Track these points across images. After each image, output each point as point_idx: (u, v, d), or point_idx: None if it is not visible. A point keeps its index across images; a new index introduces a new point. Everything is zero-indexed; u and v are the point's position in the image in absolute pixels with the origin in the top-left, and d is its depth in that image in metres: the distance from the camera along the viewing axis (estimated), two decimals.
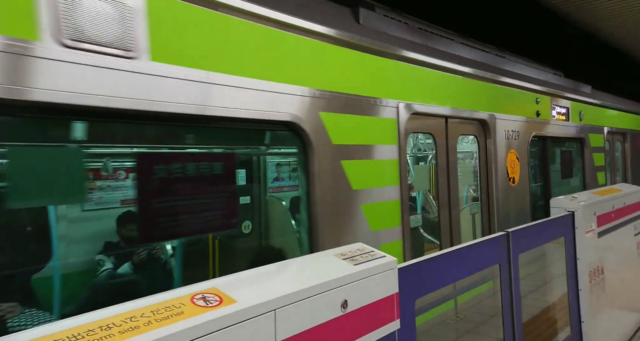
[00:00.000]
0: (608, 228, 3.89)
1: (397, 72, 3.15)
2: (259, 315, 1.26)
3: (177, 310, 1.08)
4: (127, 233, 3.03)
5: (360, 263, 1.71)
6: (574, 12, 5.88)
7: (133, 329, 0.96)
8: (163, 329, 0.99)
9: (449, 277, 2.27)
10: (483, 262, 2.55)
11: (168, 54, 1.90)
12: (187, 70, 1.95)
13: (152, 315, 1.04)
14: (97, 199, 3.40)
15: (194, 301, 1.15)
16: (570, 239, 3.45)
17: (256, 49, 2.25)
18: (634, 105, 8.42)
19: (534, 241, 3.07)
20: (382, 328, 1.73)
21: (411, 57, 3.24)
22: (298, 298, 1.40)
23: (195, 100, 1.98)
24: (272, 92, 2.29)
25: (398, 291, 1.82)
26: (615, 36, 7.25)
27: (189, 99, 1.95)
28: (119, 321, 0.98)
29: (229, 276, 1.42)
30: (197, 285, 1.27)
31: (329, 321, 1.51)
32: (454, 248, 2.30)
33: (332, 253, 1.81)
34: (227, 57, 2.12)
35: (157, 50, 1.86)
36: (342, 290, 1.56)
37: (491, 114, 4.16)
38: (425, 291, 2.09)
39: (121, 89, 1.74)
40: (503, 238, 2.68)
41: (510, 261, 2.70)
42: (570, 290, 3.48)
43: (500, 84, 4.41)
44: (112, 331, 0.93)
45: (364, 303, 1.65)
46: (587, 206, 3.53)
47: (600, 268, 3.73)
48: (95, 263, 2.95)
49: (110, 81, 1.71)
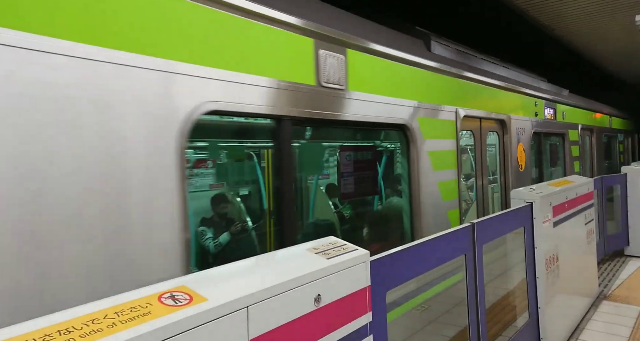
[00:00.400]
0: (562, 218, 4.10)
1: (454, 86, 4.42)
2: (231, 312, 1.21)
3: (144, 310, 1.01)
4: (338, 191, 4.10)
5: (333, 257, 1.69)
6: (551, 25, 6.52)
7: (95, 332, 0.88)
8: (129, 331, 0.92)
9: (418, 268, 2.30)
10: (450, 253, 2.60)
11: (357, 86, 3.15)
12: (364, 94, 3.20)
13: (116, 316, 0.96)
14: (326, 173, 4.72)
15: (162, 300, 1.08)
16: (529, 229, 3.60)
17: (391, 77, 3.56)
18: (599, 105, 10.29)
19: (496, 231, 3.18)
20: (354, 321, 1.72)
21: (462, 74, 4.53)
22: (271, 294, 1.36)
23: (367, 111, 3.22)
24: (396, 105, 3.53)
25: (370, 284, 1.82)
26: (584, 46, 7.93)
27: (366, 111, 3.21)
28: (79, 324, 0.90)
29: (198, 273, 1.36)
30: (165, 283, 1.20)
31: (302, 317, 1.48)
32: (422, 240, 2.33)
33: (305, 247, 1.78)
34: (382, 84, 3.42)
35: (352, 84, 3.11)
36: (315, 284, 1.54)
37: (508, 115, 5.45)
38: (396, 283, 2.11)
39: (338, 106, 3.00)
40: (468, 229, 2.75)
41: (475, 251, 2.78)
42: (529, 278, 3.63)
43: (512, 91, 5.68)
44: (72, 336, 0.85)
45: (337, 297, 1.63)
46: (544, 197, 3.70)
47: (555, 255, 3.92)
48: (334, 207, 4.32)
49: (336, 102, 2.98)
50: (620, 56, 9.15)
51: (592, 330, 4.37)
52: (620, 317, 4.67)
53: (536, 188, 3.90)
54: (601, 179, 6.67)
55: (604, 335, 4.25)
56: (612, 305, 5.04)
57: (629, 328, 4.38)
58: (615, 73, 11.26)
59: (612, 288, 5.63)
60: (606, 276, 6.17)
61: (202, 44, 2.11)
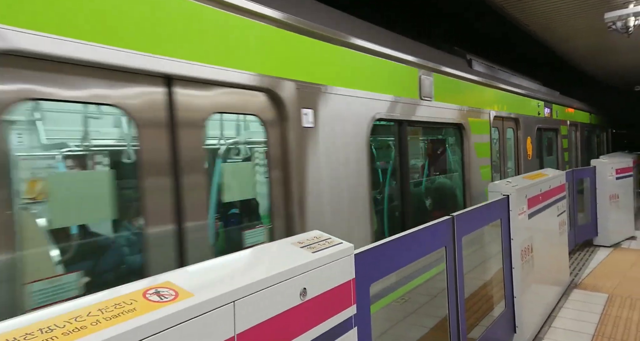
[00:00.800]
0: (537, 210, 4.23)
1: (487, 93, 5.83)
2: (217, 307, 1.19)
3: (129, 306, 0.99)
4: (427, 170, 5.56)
5: (318, 251, 1.69)
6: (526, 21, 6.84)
7: (79, 329, 0.85)
8: (113, 328, 0.89)
9: (401, 261, 2.33)
10: (431, 245, 2.65)
11: (439, 98, 4.50)
12: (441, 103, 4.52)
13: (100, 313, 0.93)
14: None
15: (147, 296, 1.06)
16: (506, 221, 3.70)
17: (453, 90, 4.88)
18: (582, 104, 11.84)
19: (475, 224, 3.25)
20: (339, 314, 1.73)
21: (491, 84, 5.90)
22: (257, 288, 1.35)
23: (443, 115, 4.57)
24: (457, 110, 4.85)
25: (354, 277, 1.83)
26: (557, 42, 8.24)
27: (442, 115, 4.55)
28: (61, 322, 0.87)
29: (183, 269, 1.34)
30: (149, 279, 1.18)
31: (288, 310, 1.48)
32: (404, 233, 2.36)
33: (290, 241, 1.77)
34: (449, 96, 4.72)
35: (437, 97, 4.45)
36: (301, 278, 1.54)
37: (519, 114, 6.82)
38: (379, 275, 2.13)
39: (429, 113, 4.31)
40: (449, 222, 2.80)
41: (455, 243, 2.83)
42: (505, 268, 3.74)
43: (522, 95, 7.11)
44: (55, 334, 0.82)
45: (322, 290, 1.64)
46: (519, 189, 3.80)
47: (530, 246, 4.04)
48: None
49: (427, 111, 4.30)
50: (591, 53, 9.45)
51: (563, 317, 4.54)
52: (589, 305, 4.87)
53: (512, 181, 4.00)
54: (572, 172, 6.91)
55: (575, 322, 4.43)
56: (582, 293, 5.25)
57: (598, 315, 4.58)
58: (586, 70, 11.63)
59: (582, 277, 5.86)
60: (576, 265, 6.42)
61: (377, 81, 3.62)
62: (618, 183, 7.48)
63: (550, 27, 7.12)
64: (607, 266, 6.35)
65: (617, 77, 12.94)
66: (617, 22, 5.52)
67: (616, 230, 7.52)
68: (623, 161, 7.78)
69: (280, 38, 2.65)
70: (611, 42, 8.35)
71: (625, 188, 7.72)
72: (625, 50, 9.33)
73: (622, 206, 7.62)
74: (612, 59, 10.22)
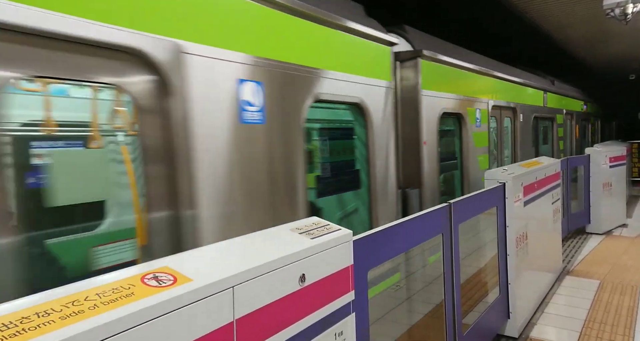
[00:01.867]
0: (532, 197, 4.25)
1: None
2: (217, 293, 1.18)
3: (127, 291, 0.97)
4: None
5: (317, 237, 1.69)
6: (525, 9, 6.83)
7: (77, 314, 0.84)
8: (112, 312, 0.88)
9: (398, 248, 2.33)
10: (428, 232, 2.65)
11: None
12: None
13: (97, 298, 0.92)
14: None
15: (145, 281, 1.04)
16: (502, 208, 3.71)
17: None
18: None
19: (471, 211, 3.26)
20: (338, 300, 1.73)
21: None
22: (256, 274, 1.34)
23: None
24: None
25: (353, 263, 1.82)
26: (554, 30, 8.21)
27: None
28: (58, 307, 0.85)
29: (181, 254, 1.32)
30: (147, 264, 1.16)
31: (287, 296, 1.48)
32: (403, 220, 2.35)
33: (288, 227, 1.76)
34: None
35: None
36: (301, 264, 1.53)
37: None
38: (377, 262, 2.13)
39: None
40: (445, 209, 2.80)
41: (452, 230, 2.84)
42: (500, 255, 3.77)
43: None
44: (52, 318, 0.81)
45: (321, 276, 1.63)
46: (516, 177, 3.81)
47: (524, 234, 4.08)
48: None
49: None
50: (588, 41, 9.42)
51: (556, 303, 4.61)
52: (581, 291, 4.94)
53: (508, 169, 4.01)
54: (567, 160, 6.95)
55: (567, 308, 4.50)
56: (574, 279, 5.33)
57: (589, 300, 4.65)
58: (582, 59, 11.61)
59: (575, 264, 5.94)
60: (569, 252, 6.50)
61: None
62: (611, 171, 7.54)
63: (548, 14, 7.07)
64: (599, 253, 6.43)
65: (611, 66, 12.95)
66: (615, 9, 5.50)
67: (608, 218, 7.61)
68: (617, 149, 7.84)
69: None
70: (608, 30, 8.33)
71: (618, 176, 7.79)
72: (621, 39, 9.31)
73: (614, 194, 7.70)
74: (607, 47, 10.21)
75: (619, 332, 3.91)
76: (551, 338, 3.86)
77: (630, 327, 4.00)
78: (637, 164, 13.34)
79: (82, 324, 0.82)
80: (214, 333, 1.15)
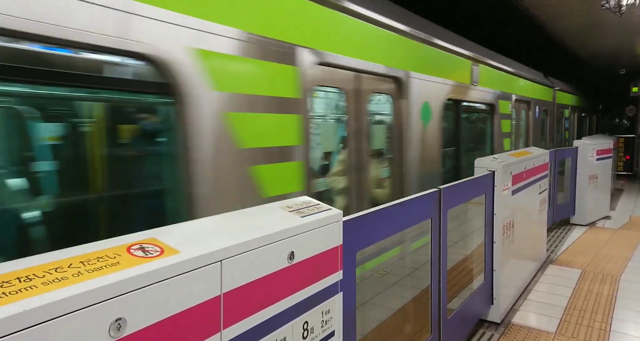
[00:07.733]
0: (520, 187, 4.29)
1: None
2: (204, 265, 1.17)
3: (112, 260, 0.95)
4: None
5: (307, 216, 1.67)
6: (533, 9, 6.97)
7: (59, 280, 0.81)
8: (96, 280, 0.86)
9: (387, 230, 2.34)
10: (417, 217, 2.66)
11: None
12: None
13: (82, 265, 0.89)
14: None
15: (131, 251, 1.02)
16: (490, 196, 3.74)
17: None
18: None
19: (461, 197, 3.28)
20: (326, 279, 1.73)
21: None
22: (245, 248, 1.33)
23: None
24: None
25: (342, 243, 1.82)
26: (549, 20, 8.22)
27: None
28: (41, 272, 0.83)
29: (170, 227, 1.30)
30: (133, 235, 1.14)
31: (276, 272, 1.47)
32: (393, 203, 2.35)
33: (278, 205, 1.74)
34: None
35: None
36: (290, 241, 1.52)
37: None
38: (365, 243, 2.13)
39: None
40: (435, 194, 2.81)
41: (441, 216, 2.86)
42: (487, 242, 3.82)
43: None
44: (34, 283, 0.78)
45: (310, 255, 1.63)
46: (505, 166, 3.84)
47: (511, 222, 4.13)
48: None
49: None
50: (582, 34, 9.45)
51: (538, 291, 4.71)
52: (563, 279, 5.05)
53: (498, 158, 4.03)
54: (555, 152, 7.03)
55: (549, 295, 4.60)
56: (557, 268, 5.44)
57: (571, 289, 4.76)
58: (574, 51, 11.66)
59: (558, 254, 6.06)
60: (553, 242, 6.63)
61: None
62: (598, 164, 7.65)
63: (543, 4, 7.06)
64: (582, 243, 6.57)
65: (603, 59, 13.04)
66: (610, 1, 5.50)
67: (593, 210, 7.75)
68: (604, 142, 7.94)
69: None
70: (601, 23, 8.35)
71: (604, 169, 7.91)
72: (614, 33, 9.35)
73: (600, 186, 7.83)
74: (600, 40, 10.25)
75: (598, 319, 4.01)
76: (532, 324, 3.95)
77: (608, 314, 4.11)
78: (622, 158, 13.59)
79: (65, 290, 0.80)
80: (200, 306, 1.14)
